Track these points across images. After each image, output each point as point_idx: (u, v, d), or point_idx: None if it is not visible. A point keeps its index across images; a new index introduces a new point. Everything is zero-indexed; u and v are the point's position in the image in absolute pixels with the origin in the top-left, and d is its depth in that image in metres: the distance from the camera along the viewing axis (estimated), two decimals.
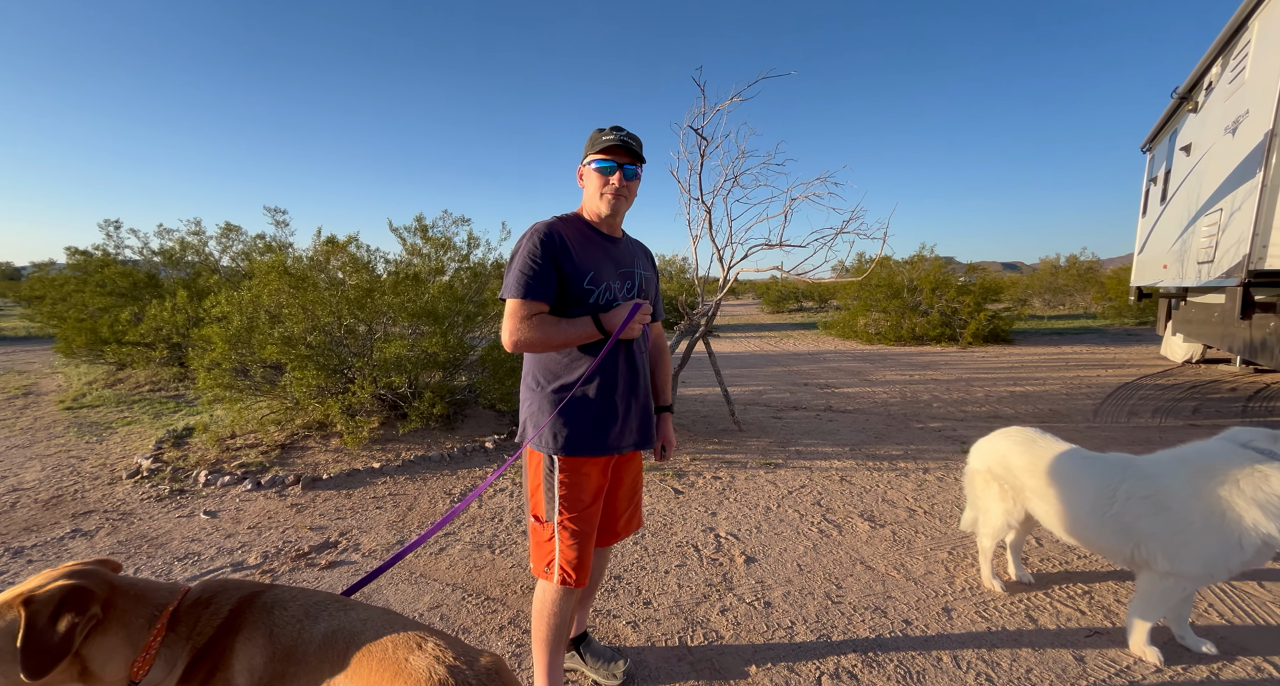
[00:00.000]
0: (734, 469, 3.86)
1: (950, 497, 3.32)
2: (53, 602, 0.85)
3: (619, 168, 1.50)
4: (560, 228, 1.51)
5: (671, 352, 4.77)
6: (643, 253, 1.74)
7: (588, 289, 1.50)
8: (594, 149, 1.50)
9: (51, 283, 7.58)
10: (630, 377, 1.59)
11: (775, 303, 21.51)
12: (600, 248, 1.56)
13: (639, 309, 1.48)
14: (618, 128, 1.52)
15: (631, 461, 1.74)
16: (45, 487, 3.46)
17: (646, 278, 1.68)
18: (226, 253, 7.55)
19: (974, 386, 6.71)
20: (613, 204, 1.53)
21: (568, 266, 1.48)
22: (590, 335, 1.47)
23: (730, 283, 4.59)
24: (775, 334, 13.72)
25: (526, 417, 1.60)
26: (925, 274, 11.56)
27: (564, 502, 1.53)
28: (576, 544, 1.54)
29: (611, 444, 1.57)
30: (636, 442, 1.64)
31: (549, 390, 1.54)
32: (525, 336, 1.44)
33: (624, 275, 1.59)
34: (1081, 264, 20.25)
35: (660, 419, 1.82)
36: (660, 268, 26.64)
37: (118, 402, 5.73)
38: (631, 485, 1.76)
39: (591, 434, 1.53)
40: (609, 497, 1.69)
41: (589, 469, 1.56)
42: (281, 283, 4.11)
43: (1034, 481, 2.05)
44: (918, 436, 4.64)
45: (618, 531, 1.75)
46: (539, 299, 1.45)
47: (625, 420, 1.59)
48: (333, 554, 2.67)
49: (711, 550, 2.72)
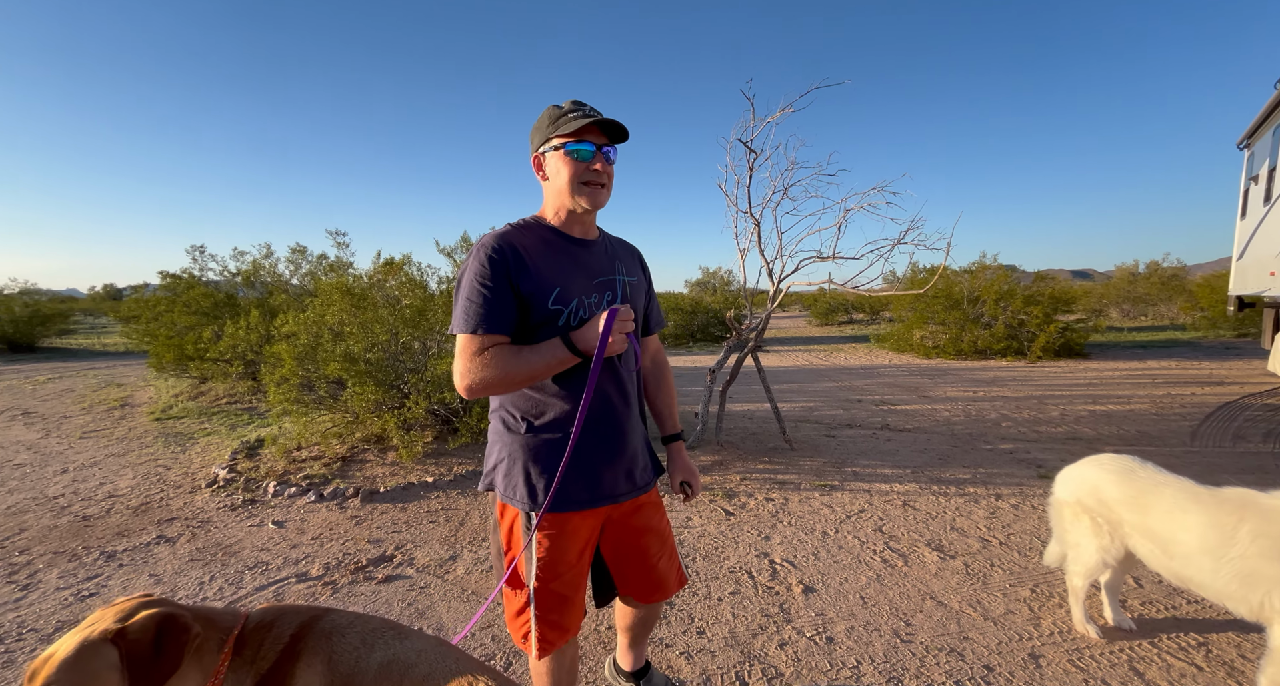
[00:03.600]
0: (787, 490, 3.70)
1: (1028, 528, 3.06)
2: (150, 629, 0.87)
3: (598, 151, 1.21)
4: (514, 238, 1.22)
5: (720, 368, 4.68)
6: (627, 253, 1.43)
7: (554, 309, 1.22)
8: (559, 130, 1.20)
9: (145, 303, 8.32)
10: (623, 406, 1.32)
11: (824, 315, 20.92)
12: (568, 256, 1.27)
13: (615, 315, 1.16)
14: (579, 103, 1.23)
15: (642, 507, 1.42)
16: (136, 495, 3.72)
17: (633, 285, 1.38)
18: (295, 274, 8.06)
19: (1047, 404, 6.23)
20: (594, 197, 1.23)
21: (527, 285, 1.19)
22: (562, 361, 1.18)
23: (781, 295, 4.47)
24: (824, 347, 13.30)
25: (495, 464, 1.31)
26: (987, 283, 10.94)
27: (543, 567, 1.26)
28: (558, 609, 1.29)
29: (606, 491, 1.30)
30: (640, 484, 1.38)
31: (523, 431, 1.27)
32: (480, 376, 1.16)
33: (602, 285, 1.30)
34: (1164, 271, 18.65)
35: (671, 450, 1.53)
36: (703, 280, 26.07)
37: (199, 414, 6.17)
38: (659, 532, 1.46)
39: (580, 482, 1.27)
40: (637, 555, 1.42)
41: (577, 524, 1.29)
42: (344, 302, 4.32)
43: (1135, 516, 1.84)
44: (987, 458, 4.32)
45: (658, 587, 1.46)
46: (493, 331, 1.17)
47: (620, 459, 1.32)
48: (389, 567, 2.72)
49: (766, 577, 2.60)
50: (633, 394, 1.37)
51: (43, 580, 2.60)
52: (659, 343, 1.59)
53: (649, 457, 1.45)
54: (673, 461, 1.53)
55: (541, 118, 1.25)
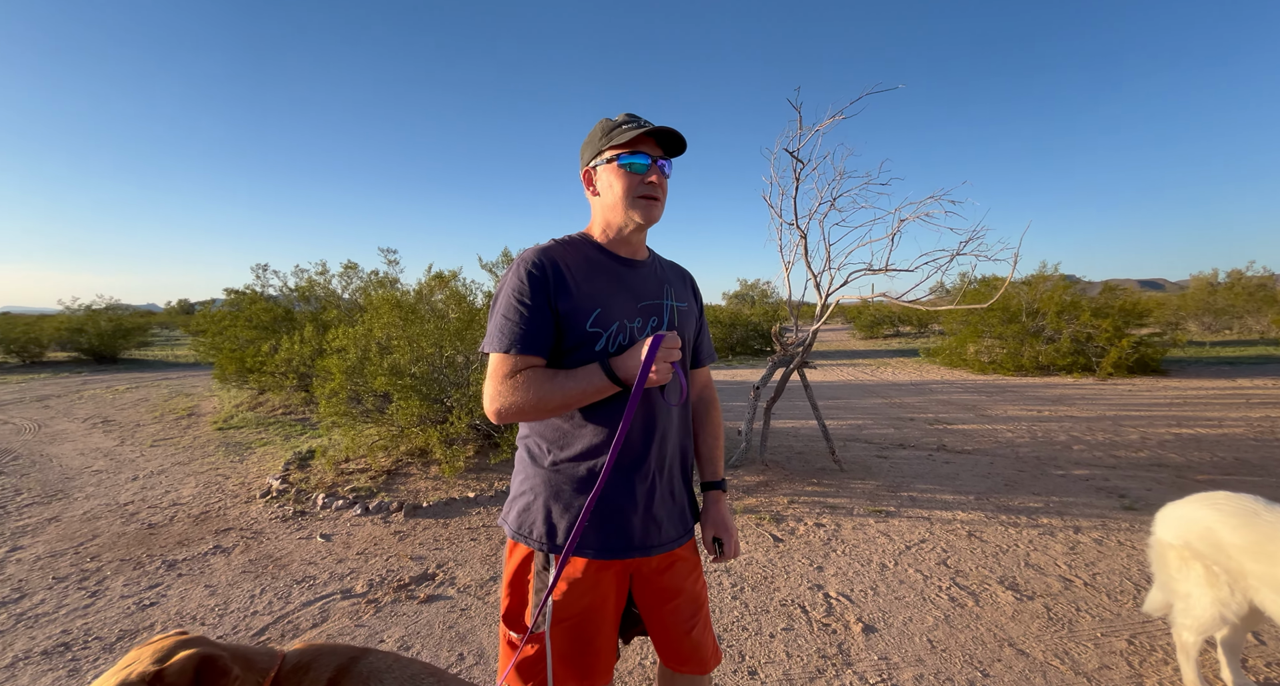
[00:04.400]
0: (839, 515, 3.50)
1: (1116, 567, 2.76)
2: (189, 672, 0.83)
3: (653, 163, 1.14)
4: (557, 253, 1.15)
5: (765, 384, 4.52)
6: (677, 277, 1.33)
7: (592, 331, 1.12)
8: (612, 142, 1.13)
9: (211, 317, 8.84)
10: (661, 444, 1.19)
11: (869, 327, 20.24)
12: (612, 275, 1.18)
13: (660, 342, 1.05)
14: (633, 115, 1.16)
15: (676, 564, 1.24)
16: (197, 503, 3.88)
17: (682, 311, 1.27)
18: (347, 289, 8.40)
19: (1124, 426, 5.73)
20: (648, 211, 1.15)
21: (565, 304, 1.11)
22: (600, 390, 1.08)
23: (830, 309, 4.29)
24: (871, 361, 12.81)
25: (516, 496, 1.21)
26: (1048, 294, 10.30)
27: (560, 612, 1.12)
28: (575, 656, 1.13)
29: (636, 542, 1.16)
30: (674, 537, 1.22)
31: (547, 463, 1.15)
32: (510, 401, 1.07)
33: (648, 309, 1.20)
34: (1250, 280, 17.12)
35: (709, 499, 1.33)
36: (741, 293, 25.74)
37: (257, 424, 6.44)
38: (692, 596, 1.26)
39: (606, 528, 1.13)
40: (668, 619, 1.24)
41: (601, 577, 1.15)
42: (392, 316, 4.42)
43: (1263, 567, 1.60)
44: (1059, 485, 3.98)
45: (691, 658, 1.27)
46: (528, 352, 1.09)
47: (652, 505, 1.17)
48: (430, 587, 2.70)
49: (821, 613, 2.43)
50: (674, 431, 1.22)
51: (109, 587, 2.71)
52: (709, 376, 1.43)
53: (689, 506, 1.29)
54: (707, 512, 1.32)
55: (594, 131, 1.19)
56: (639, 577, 1.22)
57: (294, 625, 2.36)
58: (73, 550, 3.12)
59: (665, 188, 1.18)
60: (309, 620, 2.40)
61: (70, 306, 14.49)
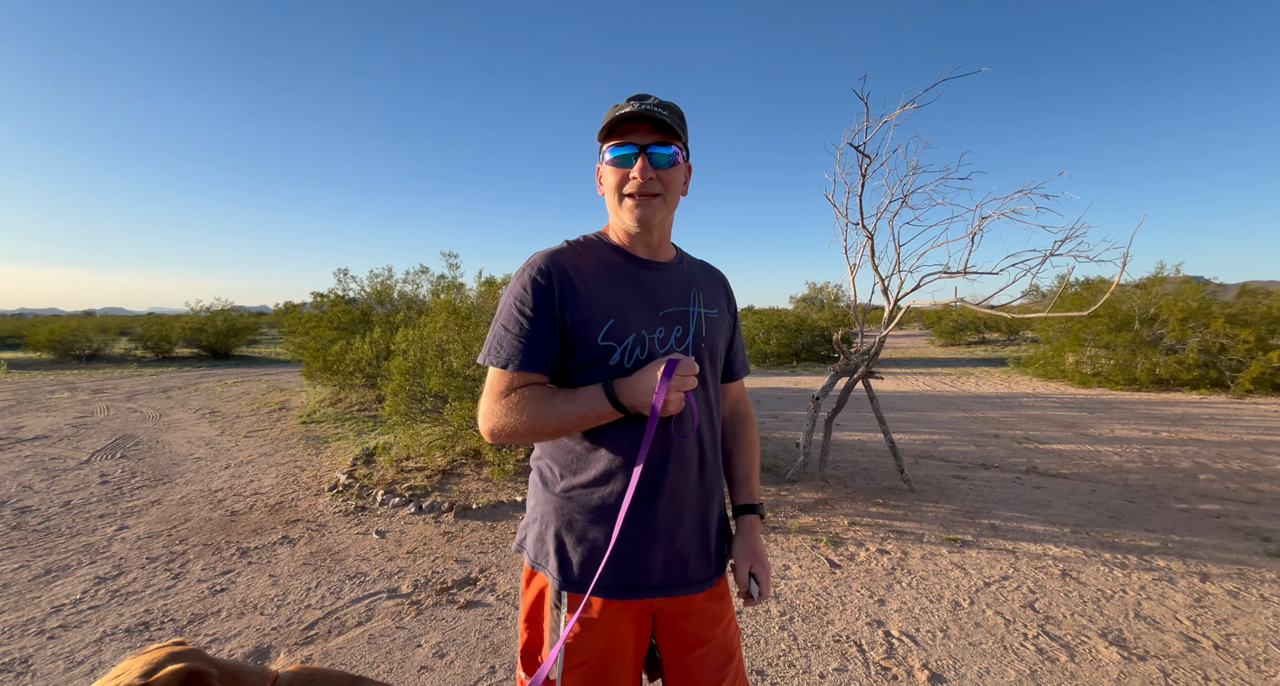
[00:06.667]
0: (906, 542, 3.18)
1: (1258, 628, 2.29)
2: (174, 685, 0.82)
3: (641, 153, 0.98)
4: (567, 258, 1.03)
5: (827, 394, 4.23)
6: (707, 279, 1.18)
7: (605, 345, 0.99)
8: (605, 133, 1.00)
9: (300, 318, 9.63)
10: (684, 473, 1.04)
11: (949, 334, 18.75)
12: (630, 279, 1.05)
13: (675, 367, 0.93)
14: (641, 96, 1.01)
15: (702, 608, 1.09)
16: (274, 494, 4.17)
17: (711, 319, 1.12)
18: (418, 291, 8.88)
19: (1269, 454, 4.87)
20: (639, 211, 1.00)
21: (574, 314, 0.99)
22: (601, 415, 0.96)
23: (900, 314, 3.94)
24: (951, 371, 11.84)
25: (529, 522, 1.11)
26: (1168, 299, 9.05)
27: (573, 657, 1.01)
28: None
29: (658, 581, 1.03)
30: (702, 576, 1.08)
31: (559, 489, 1.05)
32: (503, 422, 0.97)
33: (670, 318, 1.05)
34: None
35: (743, 526, 1.16)
36: (809, 296, 24.57)
37: (335, 419, 6.91)
38: (723, 646, 1.10)
39: (622, 564, 1.01)
40: (693, 670, 1.09)
41: (619, 619, 1.03)
42: (449, 320, 4.56)
43: None
44: (1181, 522, 3.41)
45: None
46: (527, 368, 0.98)
47: (676, 541, 1.04)
48: (471, 591, 2.70)
49: (881, 654, 2.18)
50: (695, 458, 1.07)
51: (190, 570, 2.94)
52: (743, 389, 1.28)
53: (719, 540, 1.14)
54: (740, 541, 1.14)
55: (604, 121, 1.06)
56: (662, 618, 1.09)
57: (340, 622, 2.44)
58: (167, 532, 3.43)
59: (667, 180, 1.01)
60: (354, 618, 2.47)
61: (194, 308, 16.40)
